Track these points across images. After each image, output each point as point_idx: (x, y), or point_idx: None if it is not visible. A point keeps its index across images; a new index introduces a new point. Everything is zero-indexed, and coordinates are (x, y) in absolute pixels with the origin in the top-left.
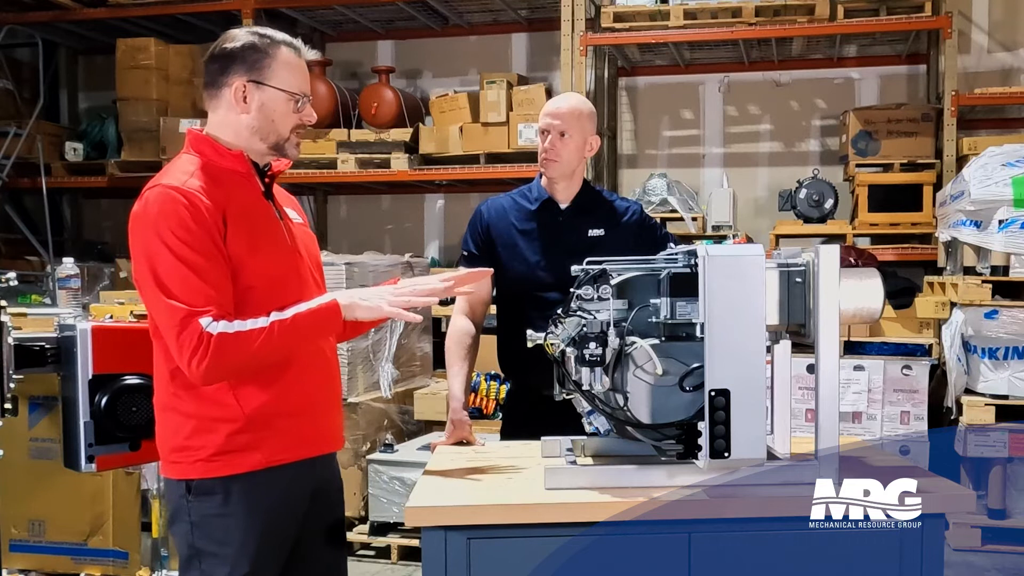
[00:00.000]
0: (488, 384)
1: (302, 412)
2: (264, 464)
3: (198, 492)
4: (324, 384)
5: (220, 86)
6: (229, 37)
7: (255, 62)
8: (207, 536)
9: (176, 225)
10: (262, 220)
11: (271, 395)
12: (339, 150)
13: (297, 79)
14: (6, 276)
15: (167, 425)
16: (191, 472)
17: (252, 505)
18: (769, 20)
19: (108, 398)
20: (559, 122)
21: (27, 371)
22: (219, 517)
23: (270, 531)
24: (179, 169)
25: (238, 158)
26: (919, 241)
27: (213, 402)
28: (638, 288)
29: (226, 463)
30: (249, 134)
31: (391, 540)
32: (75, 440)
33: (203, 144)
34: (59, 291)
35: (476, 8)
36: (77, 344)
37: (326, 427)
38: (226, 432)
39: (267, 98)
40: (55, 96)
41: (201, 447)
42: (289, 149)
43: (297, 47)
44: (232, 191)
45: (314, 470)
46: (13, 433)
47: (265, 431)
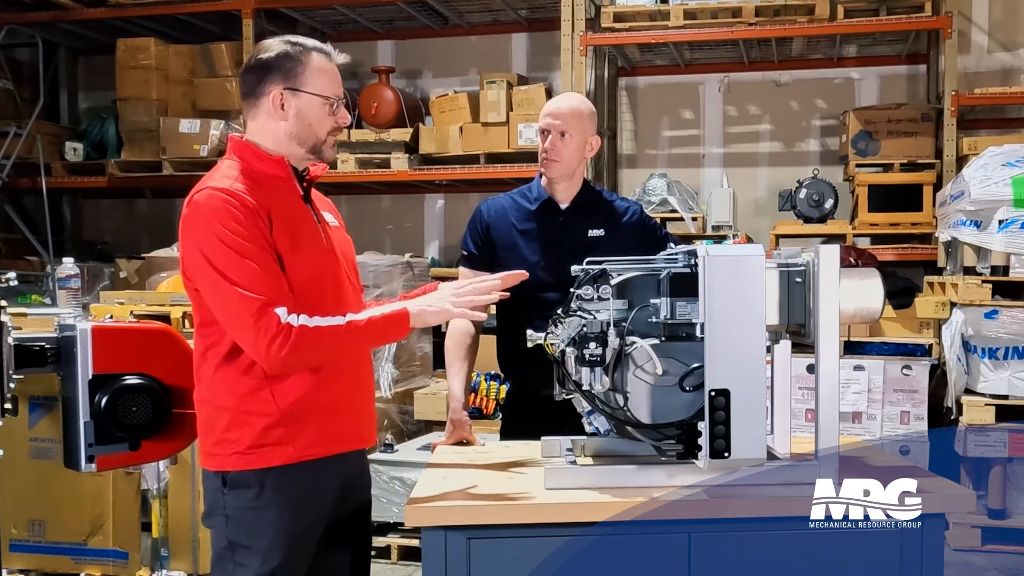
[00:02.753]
0: (488, 384)
1: (335, 408)
2: (296, 458)
3: (233, 485)
4: (358, 381)
5: (258, 96)
6: (263, 48)
7: (290, 70)
8: (241, 529)
9: (231, 223)
10: (302, 223)
11: (306, 390)
12: (339, 150)
13: (330, 83)
14: (6, 276)
15: (206, 418)
16: (227, 464)
17: (284, 498)
18: (769, 20)
19: (108, 398)
20: (559, 122)
21: (27, 371)
22: (252, 510)
23: (301, 524)
24: (223, 174)
25: (279, 163)
26: (919, 241)
27: (249, 396)
28: (638, 288)
29: (260, 456)
30: (288, 140)
31: (391, 540)
32: (75, 440)
33: (245, 150)
34: (59, 291)
35: (476, 8)
36: (77, 344)
37: (358, 424)
38: (261, 426)
39: (303, 104)
40: (55, 96)
41: (237, 440)
42: (326, 151)
43: (328, 52)
44: (273, 194)
45: (344, 466)
46: (13, 433)
47: (298, 425)
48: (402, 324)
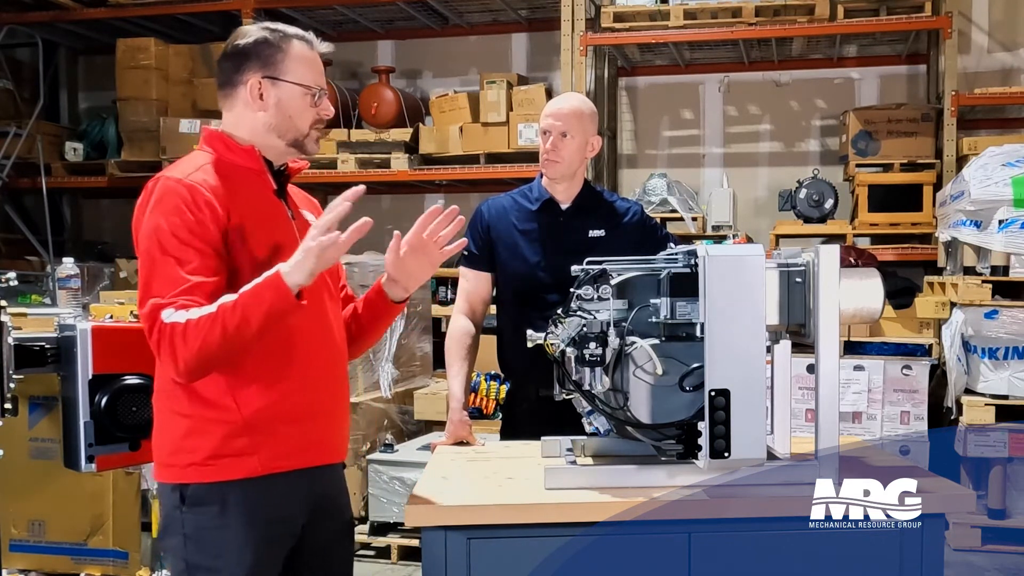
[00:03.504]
0: (488, 384)
1: (304, 418)
2: (260, 471)
3: (192, 502)
4: (331, 391)
5: (235, 84)
6: (240, 34)
7: (268, 58)
8: (201, 549)
9: (171, 216)
10: (270, 219)
11: (272, 398)
12: (339, 150)
13: (312, 72)
14: (6, 276)
15: (163, 426)
16: (184, 476)
17: (248, 515)
18: (769, 20)
19: (108, 398)
20: (560, 123)
21: (27, 371)
22: (215, 529)
23: (266, 543)
24: (187, 163)
25: (249, 154)
26: (919, 241)
27: (210, 403)
28: (638, 288)
29: (221, 468)
30: (266, 131)
31: (391, 540)
32: (75, 440)
33: (216, 140)
34: (59, 291)
35: (476, 8)
36: (77, 344)
37: (329, 436)
38: (221, 434)
39: (283, 94)
40: (55, 96)
41: (195, 449)
42: (309, 145)
43: (309, 40)
44: (241, 188)
45: (314, 480)
46: (13, 433)
47: (263, 436)
48: (276, 285)
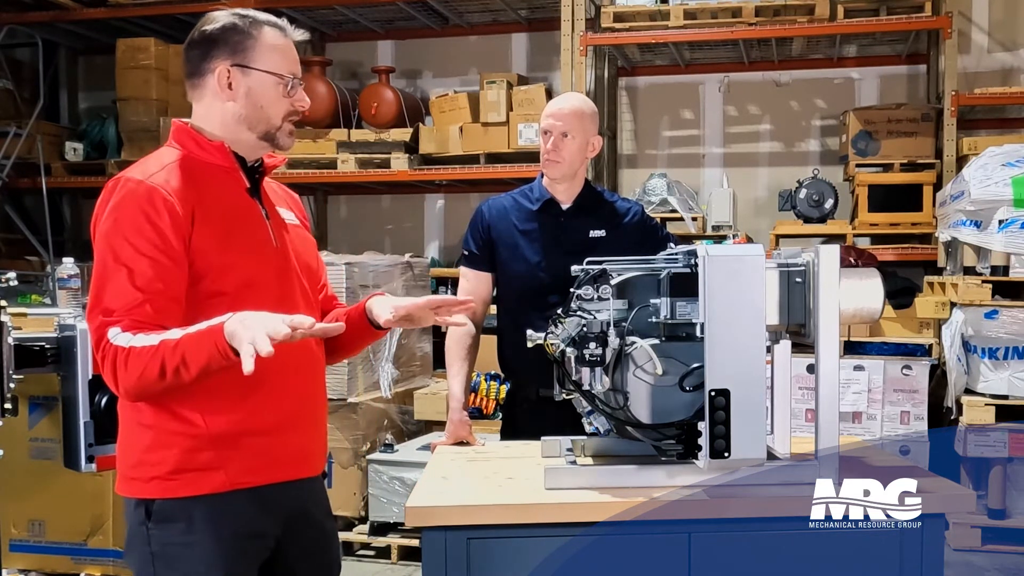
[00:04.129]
0: (488, 384)
1: (275, 431)
2: (228, 487)
3: (159, 518)
4: (304, 403)
5: (203, 73)
6: (208, 20)
7: (238, 44)
8: (169, 566)
9: (126, 222)
10: (241, 220)
11: (241, 412)
12: (339, 150)
13: (285, 60)
14: (6, 276)
15: (126, 438)
16: (148, 491)
17: (216, 532)
18: (769, 20)
19: (108, 398)
20: (561, 123)
21: (27, 371)
22: (182, 546)
23: (238, 559)
24: (153, 160)
25: (219, 150)
26: (919, 241)
27: (174, 415)
28: (638, 288)
29: (186, 483)
30: (236, 123)
31: (391, 540)
32: (75, 440)
33: (184, 136)
34: (59, 291)
35: (476, 8)
36: (77, 344)
37: (301, 449)
38: (184, 447)
39: (254, 83)
40: (55, 96)
41: (158, 463)
42: (281, 138)
43: (282, 27)
44: (208, 187)
45: (288, 495)
46: (13, 433)
47: (230, 450)
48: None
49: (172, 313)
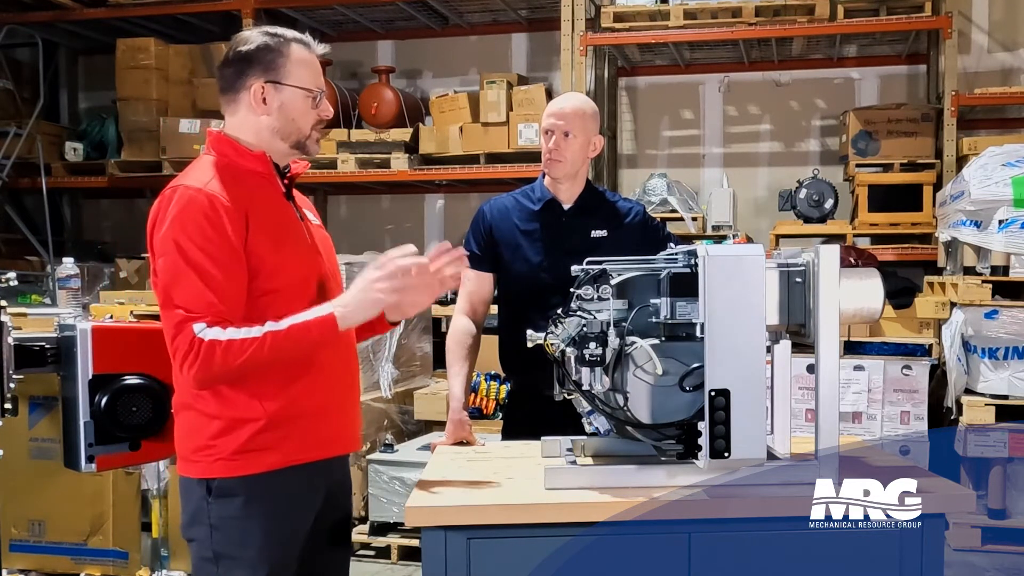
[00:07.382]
0: (488, 384)
1: (321, 412)
2: (282, 464)
3: (219, 494)
4: (344, 385)
5: (238, 90)
6: (242, 40)
7: (270, 62)
8: (228, 539)
9: (191, 227)
10: (284, 222)
11: (292, 395)
12: (339, 150)
13: (312, 75)
14: (6, 276)
15: (188, 425)
16: (212, 471)
17: (271, 506)
18: (769, 20)
19: (108, 398)
20: (563, 122)
21: (27, 371)
22: (240, 519)
23: (288, 532)
24: (200, 170)
25: (260, 159)
26: (919, 241)
27: (235, 403)
28: (638, 288)
29: (246, 462)
30: (270, 135)
31: (391, 540)
32: (75, 440)
33: (224, 145)
34: (59, 291)
35: (476, 8)
36: (77, 344)
37: (344, 428)
38: (250, 432)
39: (286, 98)
40: (55, 96)
41: (224, 446)
42: (310, 145)
43: (308, 43)
44: (254, 192)
45: (329, 471)
46: (13, 433)
47: (284, 431)
48: (328, 328)
49: (239, 309)
